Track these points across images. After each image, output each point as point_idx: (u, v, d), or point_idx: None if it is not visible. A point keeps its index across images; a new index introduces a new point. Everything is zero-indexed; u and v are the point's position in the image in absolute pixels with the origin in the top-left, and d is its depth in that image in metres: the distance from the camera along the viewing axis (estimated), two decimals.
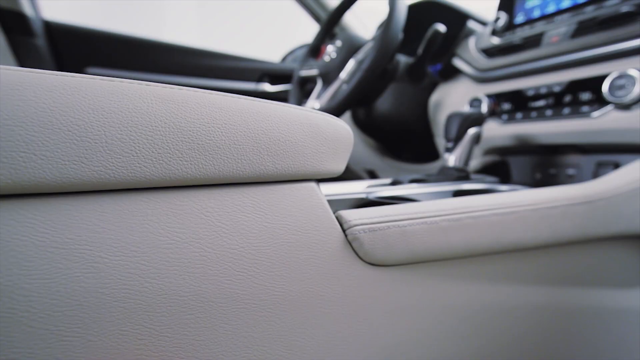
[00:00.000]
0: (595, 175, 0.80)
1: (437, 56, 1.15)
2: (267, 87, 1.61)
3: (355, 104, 1.16)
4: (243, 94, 0.35)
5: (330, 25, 1.27)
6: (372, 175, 1.47)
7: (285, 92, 1.64)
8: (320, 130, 0.35)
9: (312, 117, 0.35)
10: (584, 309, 0.59)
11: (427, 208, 0.41)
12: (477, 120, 0.75)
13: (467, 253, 0.42)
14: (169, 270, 0.29)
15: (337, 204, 0.61)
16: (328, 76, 1.13)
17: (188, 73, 1.49)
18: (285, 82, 1.64)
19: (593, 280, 0.61)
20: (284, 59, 1.87)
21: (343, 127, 0.37)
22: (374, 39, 1.11)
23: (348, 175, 1.68)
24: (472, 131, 0.74)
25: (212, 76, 1.53)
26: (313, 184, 0.36)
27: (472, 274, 0.44)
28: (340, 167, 0.38)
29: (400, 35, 0.93)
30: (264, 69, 1.61)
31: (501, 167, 1.00)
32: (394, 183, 0.70)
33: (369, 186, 0.69)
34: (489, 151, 0.99)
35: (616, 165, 0.77)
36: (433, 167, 1.22)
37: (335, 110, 1.04)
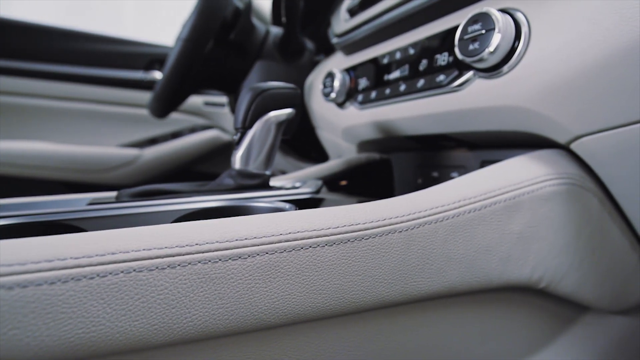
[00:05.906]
0: None
1: (314, 26, 0.90)
2: (158, 75, 1.36)
3: (197, 87, 0.90)
4: (128, 84, 0.07)
5: None
6: None
7: None
8: None
9: None
10: None
11: None
12: (281, 97, 0.49)
13: None
14: None
15: None
16: None
17: (54, 59, 1.24)
18: None
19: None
20: None
21: None
22: None
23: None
24: (271, 115, 0.49)
25: (86, 63, 1.28)
26: None
27: None
28: None
29: None
30: (154, 54, 1.36)
31: (384, 168, 0.74)
32: (117, 198, 0.44)
33: (92, 201, 0.44)
34: (363, 146, 0.73)
35: None
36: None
37: (158, 99, 0.79)
